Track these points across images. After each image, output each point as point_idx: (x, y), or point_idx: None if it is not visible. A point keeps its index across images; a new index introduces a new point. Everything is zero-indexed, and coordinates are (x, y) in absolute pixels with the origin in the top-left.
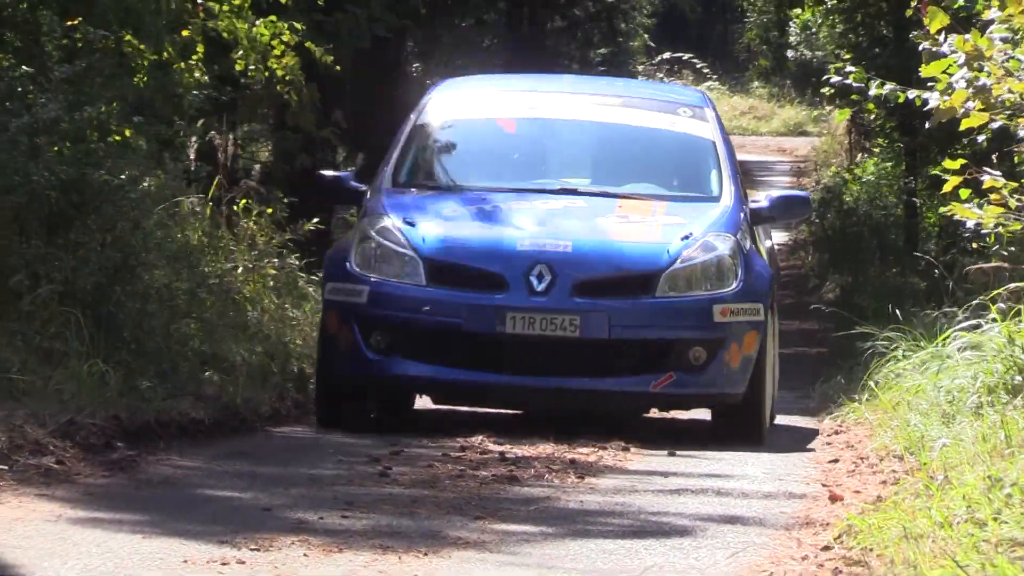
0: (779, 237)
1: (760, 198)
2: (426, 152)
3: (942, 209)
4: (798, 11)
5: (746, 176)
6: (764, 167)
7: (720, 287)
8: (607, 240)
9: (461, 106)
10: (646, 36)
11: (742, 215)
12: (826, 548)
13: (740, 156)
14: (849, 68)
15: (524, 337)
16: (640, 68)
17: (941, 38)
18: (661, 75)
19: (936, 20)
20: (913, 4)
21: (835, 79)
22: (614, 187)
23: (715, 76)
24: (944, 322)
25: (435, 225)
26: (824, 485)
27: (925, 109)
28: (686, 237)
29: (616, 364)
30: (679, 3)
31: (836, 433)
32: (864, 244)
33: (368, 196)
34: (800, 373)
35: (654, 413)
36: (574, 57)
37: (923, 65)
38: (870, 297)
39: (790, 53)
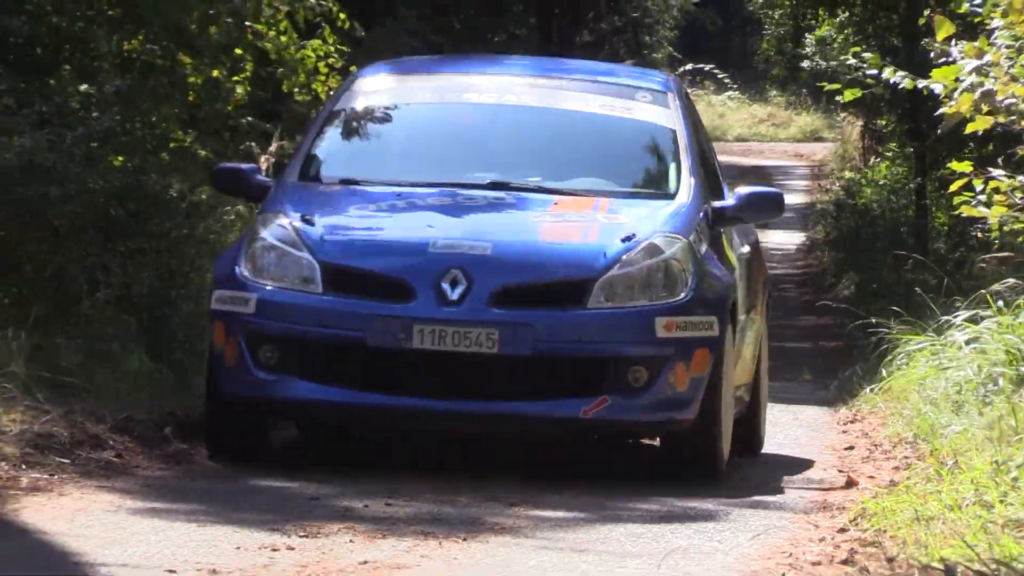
0: (798, 238)
1: (727, 196)
2: (342, 142)
3: (957, 199)
4: (812, 23)
5: (766, 180)
6: (782, 171)
7: (665, 297)
8: (534, 242)
9: (387, 91)
10: (670, 48)
11: (701, 215)
12: (842, 530)
13: (759, 161)
14: (866, 54)
15: (434, 353)
16: None
17: (950, 45)
18: (685, 84)
19: (943, 29)
20: (926, 13)
21: (851, 62)
22: (555, 181)
23: (735, 86)
24: (950, 316)
25: (336, 224)
26: (840, 471)
27: (936, 114)
28: (627, 239)
29: (541, 386)
30: (701, 17)
31: (852, 422)
32: (878, 243)
33: (271, 192)
34: (817, 366)
35: None
36: None
37: (933, 71)
38: (883, 294)
39: (805, 63)
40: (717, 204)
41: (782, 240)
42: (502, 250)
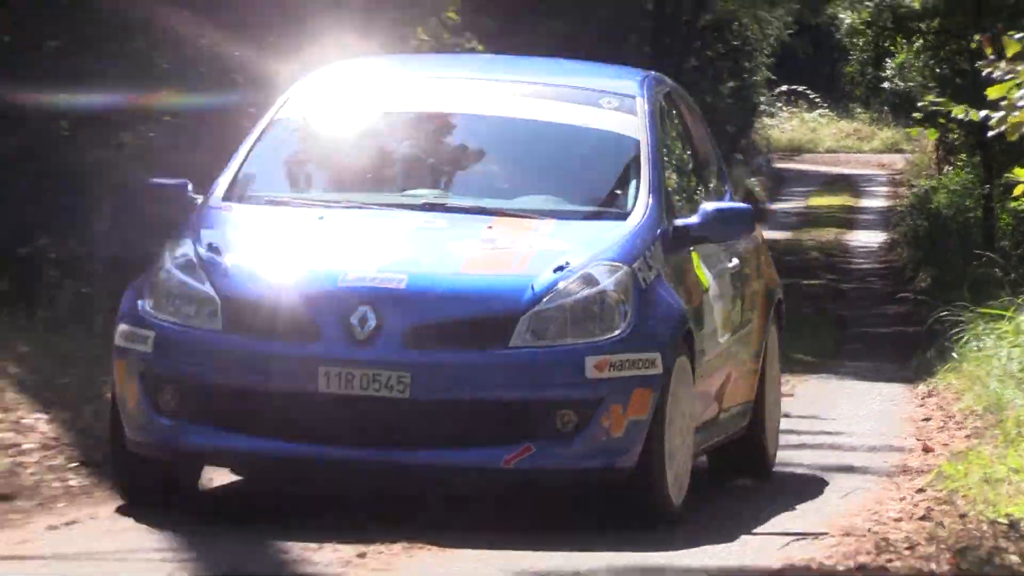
0: (881, 237)
1: (692, 213)
2: (275, 156)
3: (1012, 203)
4: (892, 49)
5: (851, 187)
6: (866, 179)
7: (599, 333)
8: (455, 273)
9: (329, 98)
10: (768, 72)
11: (655, 236)
12: (920, 490)
13: (846, 170)
14: (937, 99)
15: (341, 398)
16: (762, 99)
17: (1013, 64)
18: (780, 104)
19: (1010, 48)
20: (976, 38)
21: (922, 104)
22: (499, 200)
23: (825, 104)
24: (1016, 305)
25: (245, 253)
26: (918, 439)
27: (988, 123)
28: (560, 268)
29: (458, 433)
30: (795, 44)
31: (928, 396)
32: (950, 242)
33: (189, 215)
34: (898, 349)
35: None
36: (706, 90)
37: (988, 88)
38: (955, 285)
39: (885, 84)
40: (680, 222)
41: (867, 239)
42: (418, 283)
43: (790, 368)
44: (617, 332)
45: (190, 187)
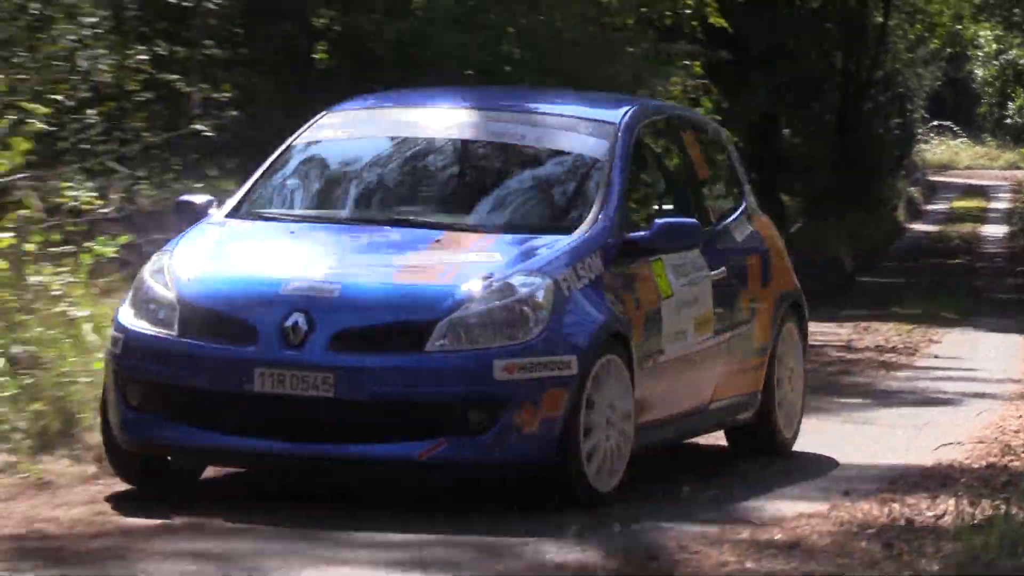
0: (1005, 229)
1: (643, 226)
2: (281, 179)
3: None
4: (1012, 95)
5: (983, 194)
6: (995, 188)
7: (511, 338)
8: (385, 283)
9: (341, 126)
10: (923, 111)
11: (595, 248)
12: None
13: (980, 181)
14: None
15: (274, 397)
16: (919, 131)
17: None
18: (932, 134)
19: None
20: None
21: None
22: (460, 217)
23: (964, 135)
24: None
25: (208, 264)
26: None
27: None
28: (484, 278)
29: (377, 429)
30: (943, 91)
31: None
32: None
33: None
34: (1017, 309)
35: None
36: (879, 125)
37: None
38: None
39: (1008, 120)
40: (631, 235)
41: (994, 231)
42: (349, 292)
43: (939, 323)
44: (531, 337)
45: (215, 205)
